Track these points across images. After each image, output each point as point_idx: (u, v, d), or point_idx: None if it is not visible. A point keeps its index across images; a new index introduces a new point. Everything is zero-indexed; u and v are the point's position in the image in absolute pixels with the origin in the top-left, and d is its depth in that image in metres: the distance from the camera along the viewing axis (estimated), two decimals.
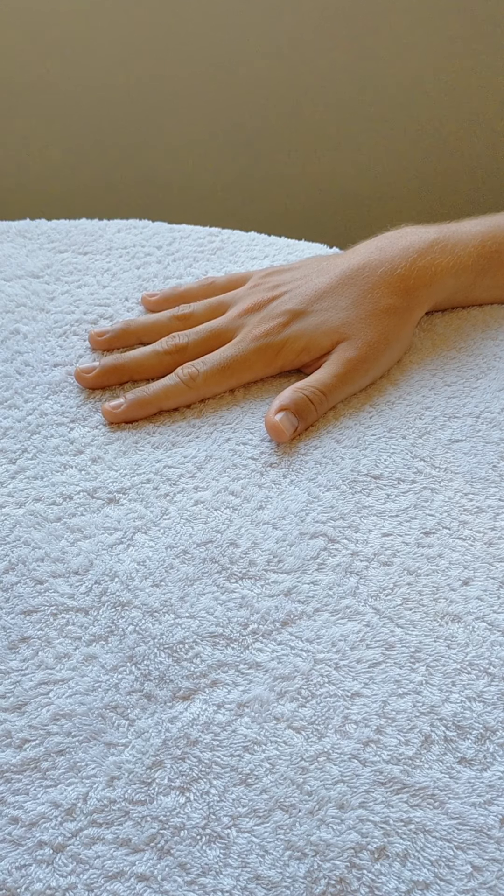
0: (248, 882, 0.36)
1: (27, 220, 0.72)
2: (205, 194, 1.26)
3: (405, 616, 0.45)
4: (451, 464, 0.53)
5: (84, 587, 0.46)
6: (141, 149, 1.22)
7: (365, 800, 0.38)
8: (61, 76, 1.16)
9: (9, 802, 0.38)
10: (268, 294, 0.60)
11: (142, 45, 1.14)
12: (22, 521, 0.49)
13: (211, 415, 0.56)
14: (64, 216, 0.74)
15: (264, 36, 1.14)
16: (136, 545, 0.48)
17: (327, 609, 0.45)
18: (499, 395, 0.57)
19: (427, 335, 0.62)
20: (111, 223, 0.72)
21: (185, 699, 0.42)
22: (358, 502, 0.50)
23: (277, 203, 1.27)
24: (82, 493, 0.51)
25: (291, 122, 1.21)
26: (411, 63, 1.18)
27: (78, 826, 0.38)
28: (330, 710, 0.41)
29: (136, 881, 0.36)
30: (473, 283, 0.62)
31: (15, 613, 0.45)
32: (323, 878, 0.36)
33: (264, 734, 0.40)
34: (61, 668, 0.43)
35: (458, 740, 0.40)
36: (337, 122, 1.22)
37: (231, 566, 0.47)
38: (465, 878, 0.36)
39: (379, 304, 0.58)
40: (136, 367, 0.58)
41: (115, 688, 0.42)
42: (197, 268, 0.68)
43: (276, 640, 0.44)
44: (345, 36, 1.15)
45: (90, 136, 1.21)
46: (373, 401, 0.57)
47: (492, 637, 0.44)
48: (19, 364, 0.59)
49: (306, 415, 0.54)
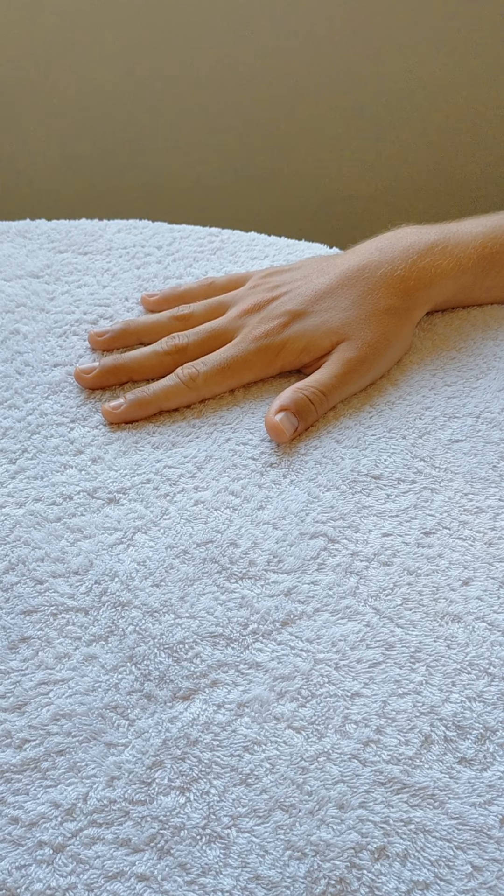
0: (248, 882, 0.36)
1: (27, 220, 0.72)
2: (205, 194, 1.26)
3: (405, 616, 0.45)
4: (451, 464, 0.53)
5: (84, 587, 0.46)
6: (141, 149, 1.22)
7: (365, 800, 0.38)
8: (61, 76, 1.16)
9: (9, 802, 0.38)
10: (268, 294, 0.60)
11: (142, 45, 1.15)
12: (22, 521, 0.49)
13: (211, 415, 0.56)
14: (64, 216, 0.74)
15: (264, 36, 1.14)
16: (136, 545, 0.48)
17: (327, 609, 0.45)
18: (499, 395, 0.57)
19: (427, 335, 0.62)
20: (111, 223, 0.72)
21: (185, 699, 0.42)
22: (358, 502, 0.50)
23: (277, 203, 1.27)
24: (82, 493, 0.51)
25: (292, 122, 1.21)
26: (411, 63, 1.18)
27: (78, 826, 0.38)
28: (330, 710, 0.41)
29: (136, 881, 0.36)
30: (474, 285, 0.62)
31: (15, 613, 0.45)
32: (323, 878, 0.36)
33: (264, 734, 0.40)
34: (61, 668, 0.43)
35: (458, 740, 0.40)
36: (337, 121, 1.22)
37: (231, 566, 0.47)
38: (465, 878, 0.36)
39: (379, 304, 0.58)
40: (136, 368, 0.58)
41: (115, 688, 0.42)
42: (197, 268, 0.68)
43: (276, 640, 0.44)
44: (345, 36, 1.15)
45: (90, 136, 1.21)
46: (373, 401, 0.57)
47: (492, 637, 0.44)
48: (19, 364, 0.59)
49: (306, 415, 0.54)
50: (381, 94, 1.20)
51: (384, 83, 1.19)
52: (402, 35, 1.15)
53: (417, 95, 1.20)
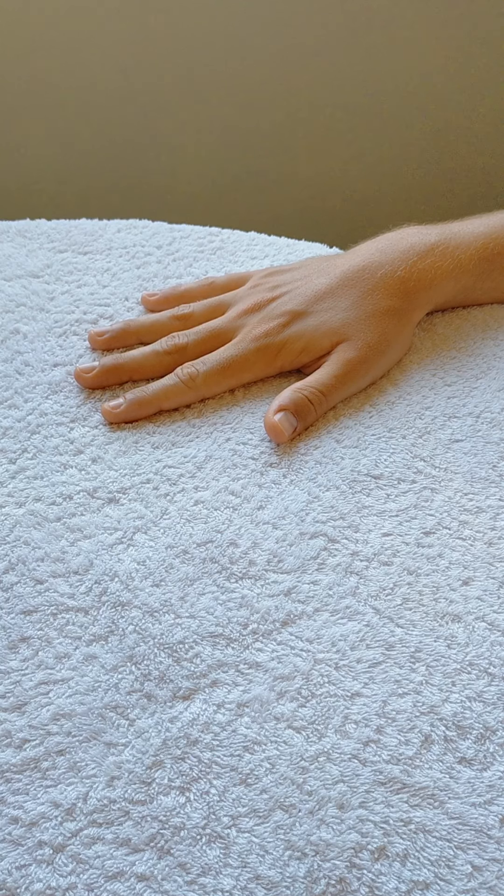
0: (248, 882, 0.36)
1: (27, 220, 0.72)
2: (205, 194, 1.26)
3: (405, 616, 0.45)
4: (451, 464, 0.53)
5: (84, 587, 0.46)
6: (141, 149, 1.22)
7: (365, 800, 0.38)
8: (61, 76, 1.16)
9: (9, 802, 0.38)
10: (268, 294, 0.60)
11: (142, 45, 1.15)
12: (22, 521, 0.49)
13: (211, 415, 0.56)
14: (64, 216, 0.74)
15: (264, 36, 1.14)
16: (136, 545, 0.48)
17: (327, 609, 0.45)
18: (499, 395, 0.57)
19: (427, 335, 0.62)
20: (111, 223, 0.72)
21: (185, 699, 0.42)
22: (358, 502, 0.50)
23: (277, 203, 1.27)
24: (82, 493, 0.51)
25: (292, 123, 1.21)
26: (411, 63, 1.18)
27: (78, 826, 0.38)
28: (330, 709, 0.41)
29: (136, 881, 0.36)
30: (474, 286, 0.62)
31: (15, 613, 0.45)
32: (323, 878, 0.36)
33: (264, 734, 0.40)
34: (61, 668, 0.43)
35: (458, 740, 0.40)
36: (337, 122, 1.22)
37: (231, 566, 0.47)
38: (465, 878, 0.36)
39: (379, 305, 0.58)
40: (136, 367, 0.58)
41: (115, 688, 0.42)
42: (197, 268, 0.68)
43: (276, 639, 0.44)
44: (345, 36, 1.15)
45: (90, 136, 1.21)
46: (373, 401, 0.57)
47: (492, 637, 0.44)
48: (19, 364, 0.59)
49: (305, 415, 0.54)
50: (381, 94, 1.20)
51: (384, 84, 1.19)
52: (402, 35, 1.15)
53: (417, 96, 1.20)
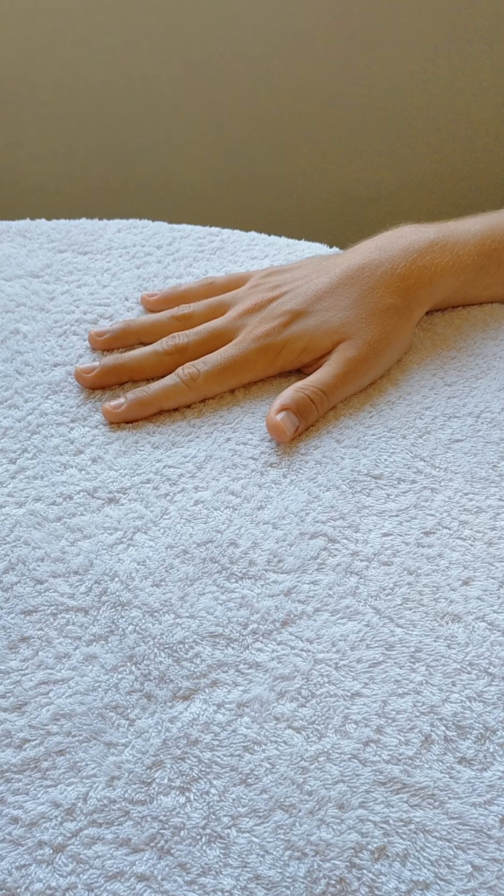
0: (248, 882, 0.36)
1: (27, 220, 0.72)
2: (205, 194, 1.26)
3: (405, 616, 0.45)
4: (451, 463, 0.53)
5: (84, 587, 0.46)
6: (141, 149, 1.22)
7: (365, 800, 0.38)
8: (61, 76, 1.16)
9: (9, 802, 0.38)
10: (268, 294, 0.60)
11: (142, 45, 1.14)
12: (22, 521, 0.49)
13: (211, 415, 0.56)
14: (64, 216, 0.74)
15: (264, 36, 1.14)
16: (136, 545, 0.48)
17: (327, 609, 0.45)
18: (499, 394, 0.57)
19: (427, 335, 0.62)
20: (111, 223, 0.72)
21: (185, 699, 0.42)
22: (358, 502, 0.50)
23: (277, 203, 1.27)
24: (82, 493, 0.51)
25: (291, 123, 1.21)
26: (411, 63, 1.18)
27: (78, 826, 0.38)
28: (330, 709, 0.41)
29: (136, 881, 0.36)
30: (473, 282, 0.62)
31: (15, 613, 0.45)
32: (323, 878, 0.36)
33: (264, 734, 0.40)
34: (61, 668, 0.43)
35: (458, 740, 0.40)
36: (337, 122, 1.22)
37: (231, 566, 0.47)
38: (465, 878, 0.36)
39: (379, 303, 0.58)
40: (136, 367, 0.58)
41: (115, 688, 0.42)
42: (197, 268, 0.68)
43: (276, 639, 0.44)
44: (345, 36, 1.15)
45: (90, 136, 1.21)
46: (373, 401, 0.57)
47: (492, 637, 0.44)
48: (19, 364, 0.59)
49: (307, 414, 0.54)
50: (382, 94, 1.20)
51: (384, 84, 1.19)
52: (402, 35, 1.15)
53: (417, 96, 1.20)
